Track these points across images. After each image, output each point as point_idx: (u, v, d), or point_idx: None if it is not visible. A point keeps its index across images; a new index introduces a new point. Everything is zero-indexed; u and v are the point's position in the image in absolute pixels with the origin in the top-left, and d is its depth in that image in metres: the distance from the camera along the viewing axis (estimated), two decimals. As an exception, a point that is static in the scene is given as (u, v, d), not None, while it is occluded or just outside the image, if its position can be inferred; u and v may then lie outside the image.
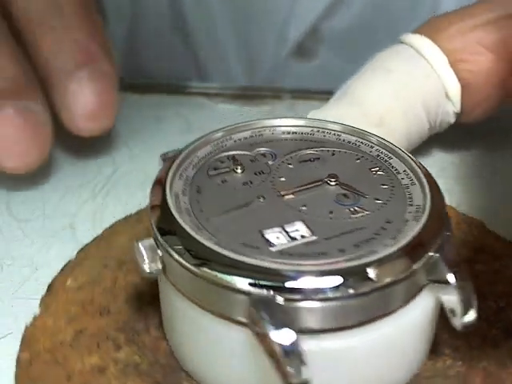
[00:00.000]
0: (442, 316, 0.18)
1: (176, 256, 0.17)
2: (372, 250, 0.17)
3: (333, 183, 0.20)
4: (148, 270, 0.18)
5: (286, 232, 0.18)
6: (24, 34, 0.27)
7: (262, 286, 0.16)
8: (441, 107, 0.27)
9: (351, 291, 0.16)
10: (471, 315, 0.17)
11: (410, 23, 0.35)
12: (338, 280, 0.16)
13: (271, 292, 0.16)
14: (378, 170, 0.21)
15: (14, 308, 0.23)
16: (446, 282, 0.17)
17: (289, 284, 0.16)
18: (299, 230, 0.18)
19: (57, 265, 0.24)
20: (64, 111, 0.27)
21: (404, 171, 0.21)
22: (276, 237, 0.18)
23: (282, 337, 0.15)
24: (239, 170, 0.20)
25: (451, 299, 0.17)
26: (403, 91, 0.26)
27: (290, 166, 0.21)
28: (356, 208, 0.19)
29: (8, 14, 0.28)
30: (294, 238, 0.18)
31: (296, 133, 0.23)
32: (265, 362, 0.16)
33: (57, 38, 0.27)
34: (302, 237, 0.18)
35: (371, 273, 0.16)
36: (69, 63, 0.27)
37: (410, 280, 0.17)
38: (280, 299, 0.16)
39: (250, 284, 0.16)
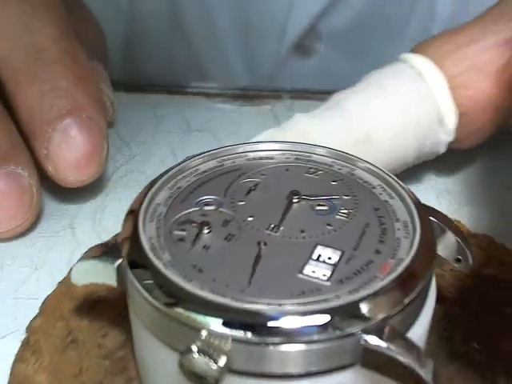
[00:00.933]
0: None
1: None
2: (397, 238, 0.18)
3: (296, 200, 0.20)
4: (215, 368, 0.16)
5: (318, 261, 0.17)
6: (7, 85, 0.26)
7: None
8: (432, 136, 0.26)
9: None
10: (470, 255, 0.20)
11: (408, 22, 0.37)
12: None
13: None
14: (314, 171, 0.21)
15: (14, 308, 0.23)
16: (445, 231, 0.19)
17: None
18: (322, 254, 0.18)
19: (57, 265, 0.25)
20: (48, 162, 0.26)
21: (333, 162, 0.21)
22: (312, 271, 0.17)
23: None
24: (206, 230, 0.19)
25: (453, 248, 0.19)
26: (395, 112, 0.25)
27: (242, 203, 0.20)
28: (342, 211, 0.19)
29: None
30: (330, 263, 0.17)
31: (206, 171, 0.21)
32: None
33: (40, 87, 0.26)
34: (331, 258, 0.18)
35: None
36: (52, 112, 0.26)
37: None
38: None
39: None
